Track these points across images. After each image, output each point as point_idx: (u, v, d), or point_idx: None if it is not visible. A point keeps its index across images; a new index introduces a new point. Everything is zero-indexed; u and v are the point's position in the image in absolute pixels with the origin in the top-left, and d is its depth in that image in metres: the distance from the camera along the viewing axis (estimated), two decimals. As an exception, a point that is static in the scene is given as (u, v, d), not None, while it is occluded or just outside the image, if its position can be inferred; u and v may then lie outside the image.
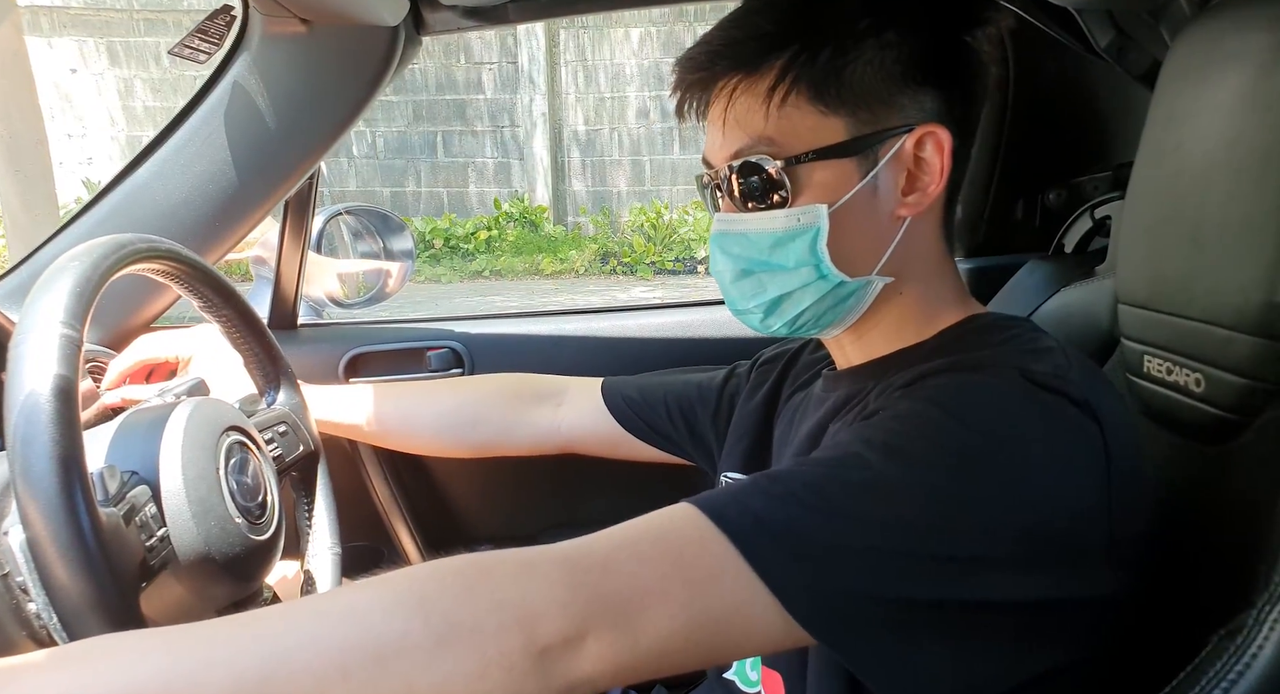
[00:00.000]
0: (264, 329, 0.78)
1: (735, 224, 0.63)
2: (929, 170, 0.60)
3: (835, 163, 0.59)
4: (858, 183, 0.59)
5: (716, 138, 0.62)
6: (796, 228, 0.59)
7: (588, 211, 7.47)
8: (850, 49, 0.58)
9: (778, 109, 0.58)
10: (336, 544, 0.80)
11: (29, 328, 0.49)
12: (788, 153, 0.59)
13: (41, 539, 0.45)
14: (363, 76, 0.87)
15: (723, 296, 0.67)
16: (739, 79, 0.59)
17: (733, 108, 0.60)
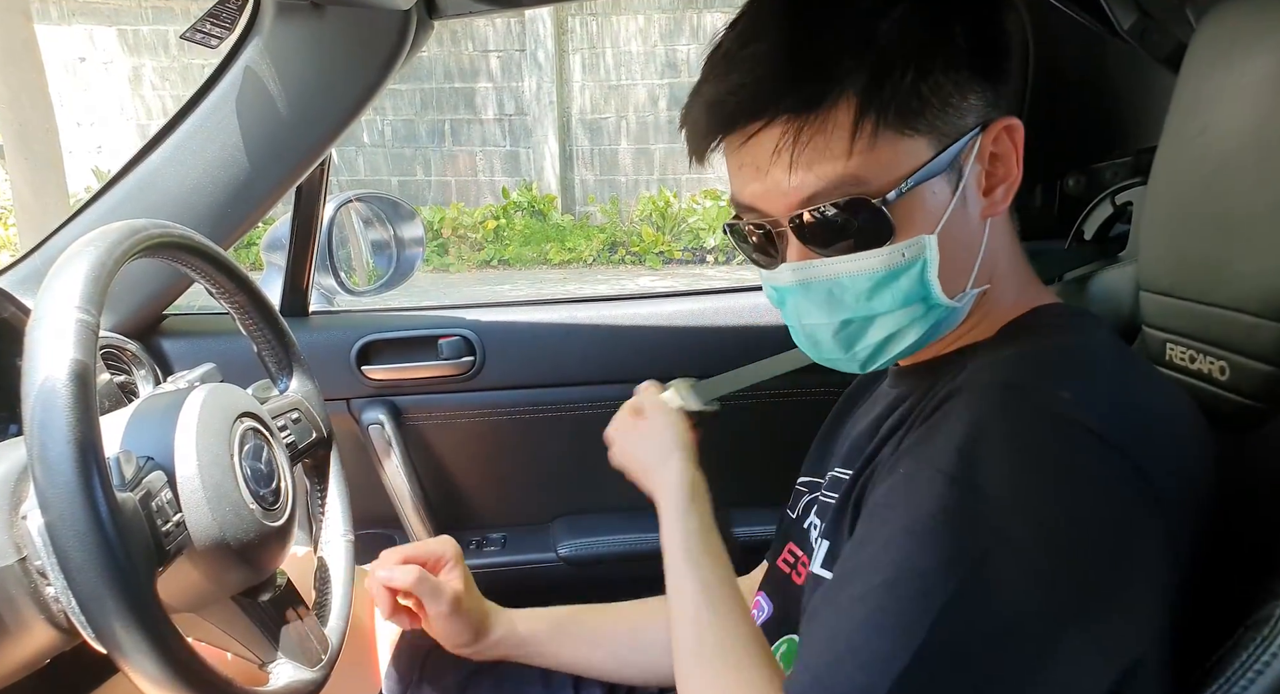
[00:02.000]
0: (276, 316, 0.78)
1: (820, 270, 0.57)
2: (1005, 163, 0.58)
3: (928, 184, 0.54)
4: (951, 199, 0.55)
5: (775, 182, 0.55)
6: (902, 264, 0.55)
7: (596, 200, 7.45)
8: (922, 61, 0.53)
9: (864, 144, 0.53)
10: (349, 531, 0.80)
11: (44, 313, 0.49)
12: (882, 187, 0.53)
13: (59, 523, 0.45)
14: (375, 61, 0.86)
15: (799, 345, 0.63)
16: (807, 118, 0.52)
17: (800, 151, 0.53)
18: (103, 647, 0.48)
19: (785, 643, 0.68)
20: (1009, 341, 0.59)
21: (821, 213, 0.54)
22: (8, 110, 5.04)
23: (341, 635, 0.71)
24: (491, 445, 1.17)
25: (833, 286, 0.57)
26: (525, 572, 1.18)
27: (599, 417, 1.16)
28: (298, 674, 0.61)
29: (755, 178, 0.56)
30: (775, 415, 1.14)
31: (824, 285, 0.57)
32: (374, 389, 1.12)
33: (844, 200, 0.54)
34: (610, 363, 1.14)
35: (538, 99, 7.27)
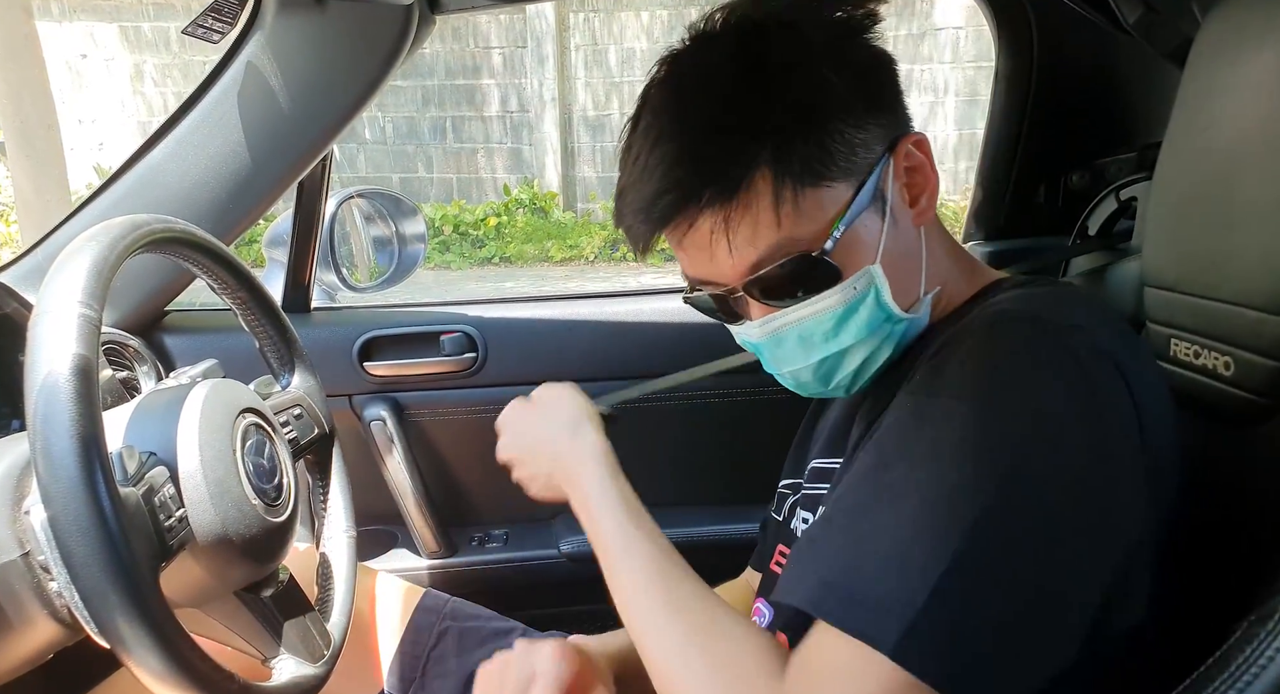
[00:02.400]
0: (278, 312, 0.78)
1: (783, 319, 0.60)
2: (921, 172, 0.60)
3: (858, 221, 0.58)
4: (882, 225, 0.59)
5: (720, 260, 0.59)
6: (856, 297, 0.58)
7: (597, 197, 7.44)
8: (815, 120, 0.56)
9: (786, 210, 0.56)
10: (352, 527, 0.80)
11: (46, 308, 0.49)
12: (817, 239, 0.57)
13: (62, 518, 0.45)
14: (377, 55, 0.86)
15: (786, 385, 0.65)
16: (729, 205, 0.56)
17: (735, 234, 0.57)
18: (106, 642, 0.48)
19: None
20: (978, 304, 0.61)
21: (769, 274, 0.58)
22: (9, 107, 5.04)
23: (344, 631, 0.71)
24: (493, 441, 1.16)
25: (800, 332, 0.60)
26: (528, 568, 1.18)
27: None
28: (300, 670, 0.61)
29: (700, 259, 0.60)
30: (747, 414, 1.15)
31: (793, 332, 0.61)
32: (376, 385, 1.12)
33: (786, 260, 0.57)
34: (612, 359, 1.14)
35: (540, 96, 7.26)
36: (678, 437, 1.19)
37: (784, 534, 0.74)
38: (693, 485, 1.21)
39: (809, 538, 0.53)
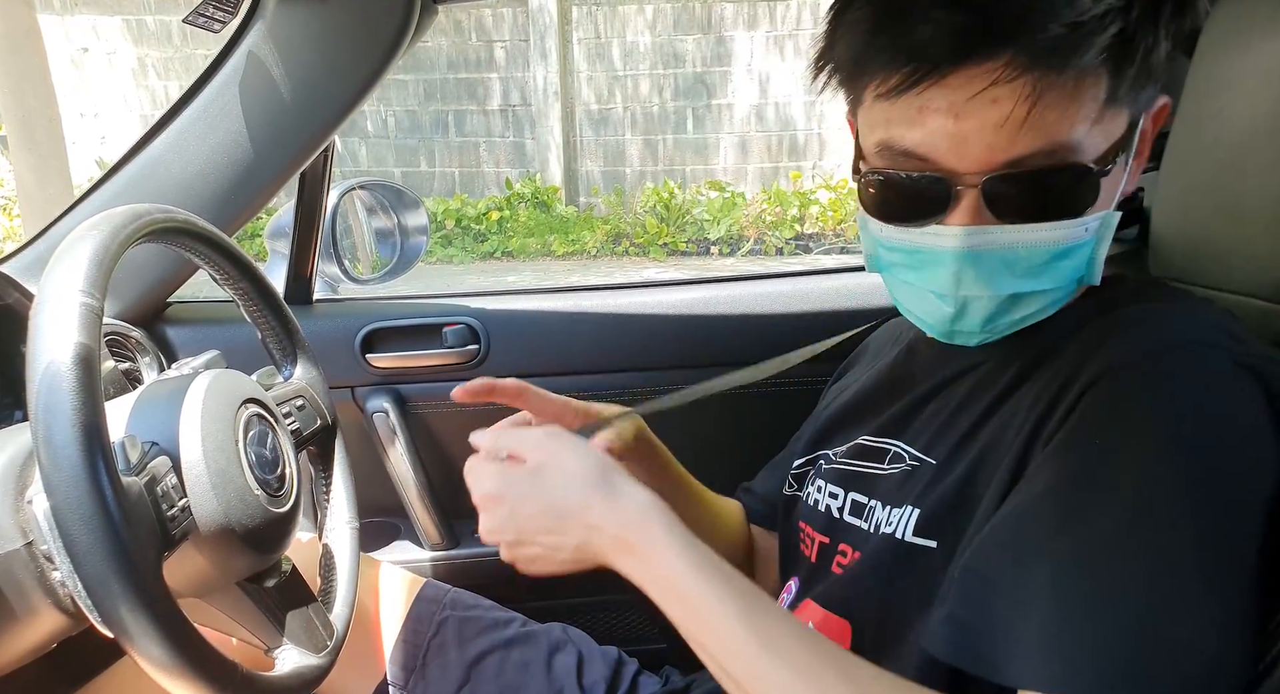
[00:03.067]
0: (281, 303, 0.77)
1: (998, 237, 0.51)
2: (1144, 144, 0.54)
3: (1120, 159, 0.51)
4: (1124, 174, 0.52)
5: (985, 138, 0.48)
6: (1083, 239, 0.51)
7: (600, 191, 7.43)
8: (1161, 22, 0.47)
9: (1106, 116, 0.48)
10: (354, 519, 0.80)
11: (48, 297, 0.49)
12: (1094, 156, 0.49)
13: (65, 507, 0.45)
14: (378, 46, 0.85)
15: (921, 313, 0.58)
16: (1050, 78, 0.45)
17: (1041, 113, 0.46)
18: (109, 631, 0.48)
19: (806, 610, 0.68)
20: (1108, 306, 0.55)
21: (1030, 178, 0.49)
22: (11, 101, 5.04)
23: (347, 622, 0.71)
24: (496, 433, 1.17)
25: (1006, 255, 0.51)
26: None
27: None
28: (303, 660, 0.61)
29: (947, 124, 0.48)
30: (766, 405, 1.14)
31: (997, 255, 0.51)
32: (378, 377, 1.12)
33: (1063, 166, 0.48)
34: (615, 351, 1.14)
35: (542, 90, 7.24)
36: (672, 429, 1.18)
37: (804, 509, 0.72)
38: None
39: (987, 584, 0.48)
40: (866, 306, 1.12)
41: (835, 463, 0.70)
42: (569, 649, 0.87)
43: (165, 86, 7.58)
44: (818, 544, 0.68)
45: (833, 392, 0.81)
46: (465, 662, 0.85)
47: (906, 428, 0.63)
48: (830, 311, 1.13)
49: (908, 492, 0.59)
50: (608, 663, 0.87)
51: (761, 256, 6.77)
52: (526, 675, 0.84)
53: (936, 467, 0.58)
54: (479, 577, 1.16)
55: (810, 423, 0.81)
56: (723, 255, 6.87)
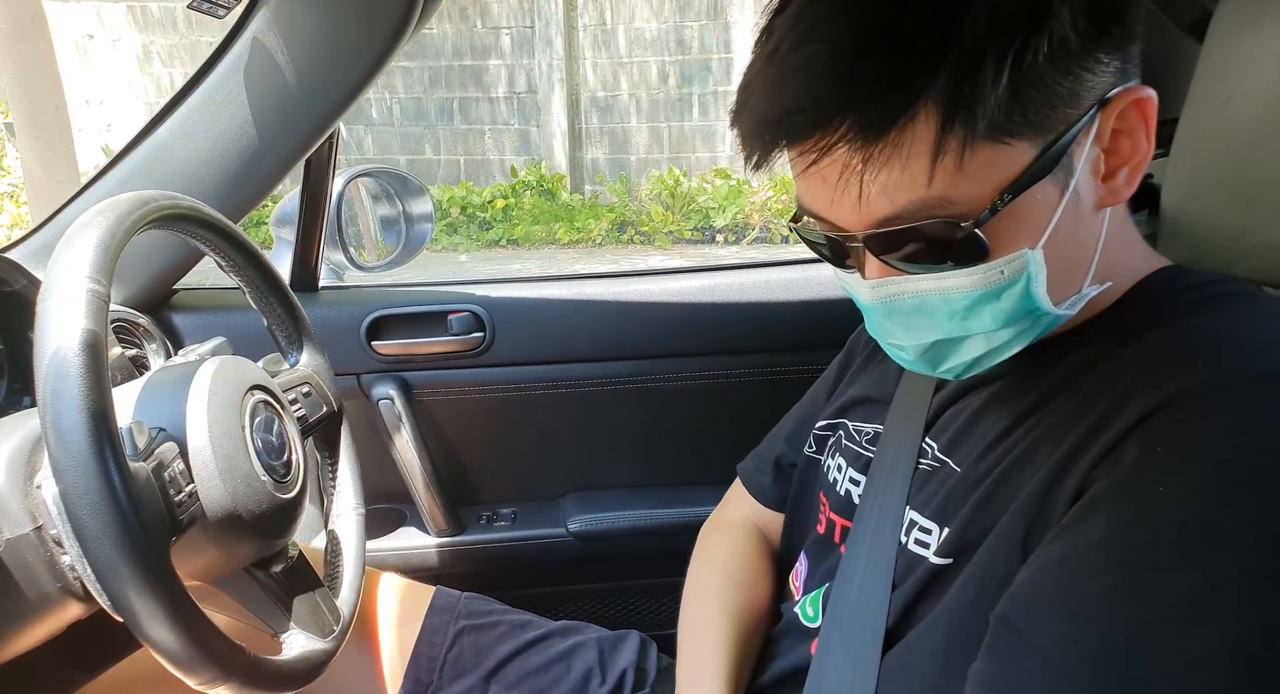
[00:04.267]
0: (286, 290, 0.78)
1: (904, 287, 0.49)
2: (1132, 139, 0.47)
3: (1029, 192, 0.45)
4: (1060, 202, 0.46)
5: (846, 202, 0.47)
6: (1001, 283, 0.47)
7: (605, 179, 7.41)
8: (1020, 50, 0.42)
9: (951, 168, 0.44)
10: (360, 505, 0.81)
11: (55, 284, 0.49)
12: (973, 207, 0.45)
13: (73, 492, 0.46)
14: (383, 30, 0.85)
15: (892, 356, 0.56)
16: (873, 144, 0.44)
17: (872, 182, 0.45)
18: (118, 614, 0.48)
19: (820, 591, 0.67)
20: (1168, 315, 0.49)
21: (900, 233, 0.46)
22: (17, 89, 5.05)
23: (353, 607, 0.71)
24: (501, 421, 1.17)
25: (921, 304, 0.49)
26: (536, 546, 1.18)
27: (608, 393, 1.16)
28: (310, 644, 0.61)
29: (819, 193, 0.48)
30: (769, 393, 1.14)
31: (910, 303, 0.49)
32: (384, 364, 1.12)
33: (927, 223, 0.45)
34: (620, 339, 1.14)
35: (547, 77, 7.21)
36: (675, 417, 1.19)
37: (824, 482, 0.70)
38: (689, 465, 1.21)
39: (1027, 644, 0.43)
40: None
41: (857, 444, 0.67)
42: (589, 646, 0.85)
43: (170, 73, 7.57)
44: (840, 527, 0.67)
45: (843, 362, 0.78)
46: (485, 673, 0.83)
47: (933, 423, 0.60)
48: (833, 299, 1.13)
49: (929, 497, 0.56)
50: (630, 652, 0.85)
51: (767, 245, 6.75)
52: (548, 679, 0.83)
53: (960, 476, 0.54)
54: (484, 563, 1.16)
55: (839, 385, 0.76)
56: (728, 243, 6.85)
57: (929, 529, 0.55)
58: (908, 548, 0.56)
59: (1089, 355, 0.50)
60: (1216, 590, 0.38)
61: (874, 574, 0.58)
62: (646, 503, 1.18)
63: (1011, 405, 0.52)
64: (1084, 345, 0.51)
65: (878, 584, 0.57)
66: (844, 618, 0.60)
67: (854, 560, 0.61)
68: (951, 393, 0.59)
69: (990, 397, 0.55)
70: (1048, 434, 0.49)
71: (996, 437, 0.52)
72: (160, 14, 7.44)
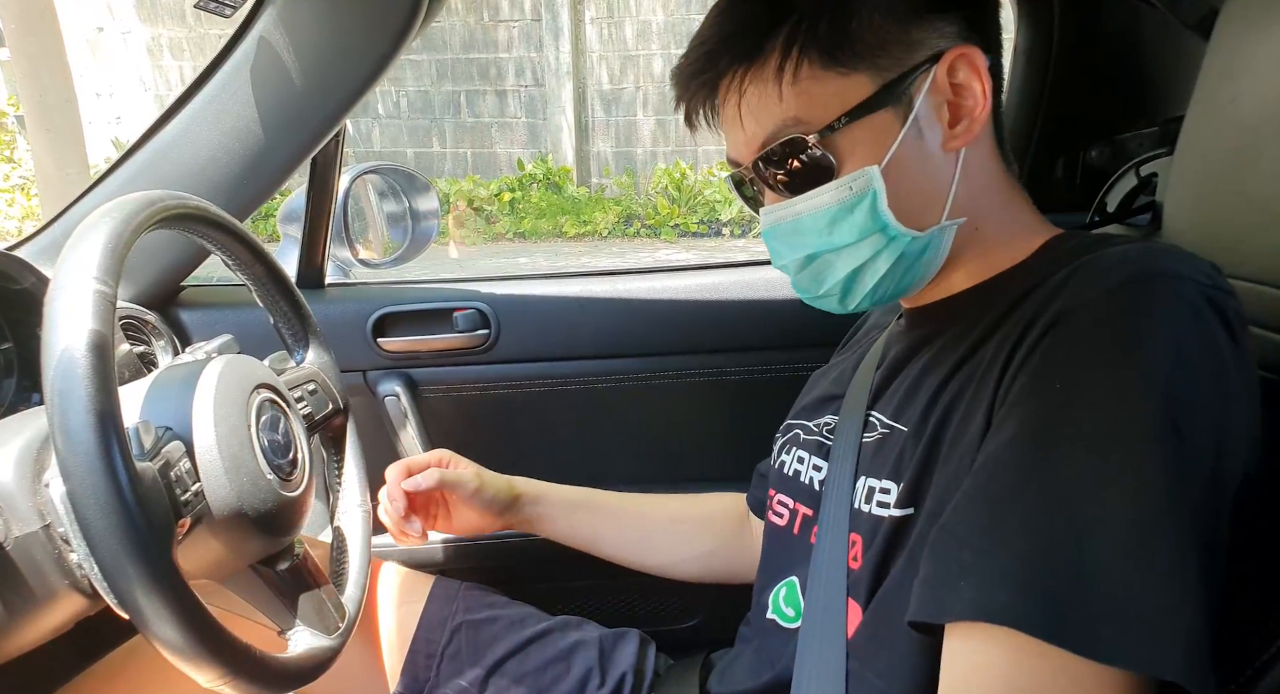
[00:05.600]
0: (293, 288, 0.78)
1: (783, 211, 0.61)
2: (970, 94, 0.58)
3: (870, 119, 0.56)
4: (899, 131, 0.57)
5: (739, 135, 0.61)
6: (851, 198, 0.57)
7: (611, 172, 7.40)
8: (849, 2, 0.56)
9: (791, 86, 0.57)
10: (366, 502, 0.81)
11: (62, 284, 0.49)
12: (819, 125, 0.57)
13: (81, 492, 0.46)
14: (389, 30, 0.85)
15: (793, 287, 0.66)
16: (742, 71, 0.58)
17: (745, 101, 0.59)
18: (124, 613, 0.49)
19: (785, 586, 0.69)
20: (1069, 255, 0.55)
21: (772, 157, 0.59)
22: (28, 82, 5.07)
23: (358, 604, 0.72)
24: (506, 417, 1.18)
25: (797, 226, 0.61)
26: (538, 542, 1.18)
27: (612, 390, 1.17)
28: (316, 641, 0.62)
29: (729, 133, 0.63)
30: (773, 390, 1.14)
31: (790, 226, 0.61)
32: (390, 361, 1.13)
33: (784, 140, 0.58)
34: (624, 336, 1.14)
35: (555, 70, 7.20)
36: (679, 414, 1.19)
37: (781, 483, 0.74)
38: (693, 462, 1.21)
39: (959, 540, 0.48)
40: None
41: (815, 434, 0.71)
42: (589, 645, 0.85)
43: (179, 66, 7.60)
44: (801, 517, 0.69)
45: (819, 374, 0.83)
46: (483, 671, 0.83)
47: (879, 397, 0.65)
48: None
49: (883, 461, 0.60)
50: (629, 654, 0.85)
51: (774, 238, 6.74)
52: (547, 679, 0.83)
53: (909, 434, 0.59)
54: (487, 557, 1.17)
55: (797, 400, 0.82)
56: (734, 236, 6.84)
57: (888, 489, 0.59)
58: (870, 513, 0.60)
59: (1002, 305, 0.56)
60: (1105, 460, 0.44)
61: (836, 533, 0.62)
62: (650, 499, 1.18)
63: (945, 362, 0.59)
64: (997, 300, 0.57)
65: (839, 543, 0.61)
66: (817, 593, 0.62)
67: (821, 539, 0.63)
68: (893, 364, 0.65)
69: (928, 360, 0.61)
70: (974, 374, 0.55)
71: (934, 391, 0.58)
72: (170, 6, 7.45)
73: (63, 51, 5.17)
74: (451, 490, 0.86)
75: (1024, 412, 0.49)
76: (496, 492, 0.88)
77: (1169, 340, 0.45)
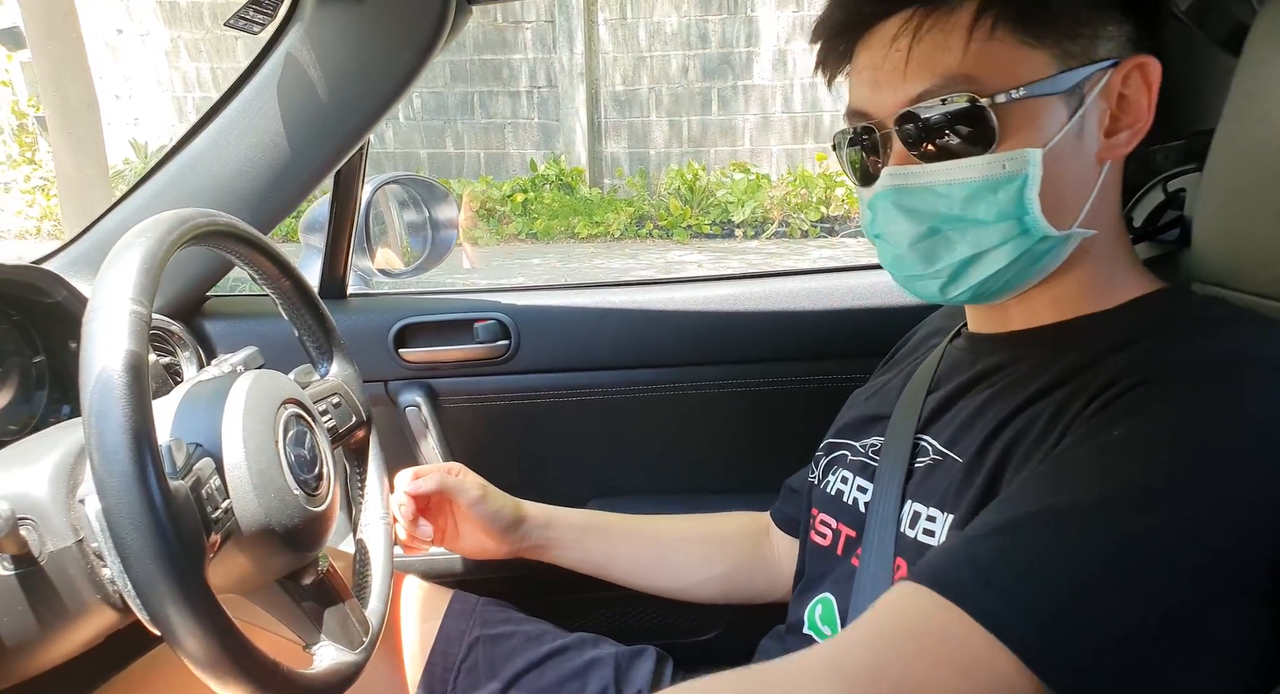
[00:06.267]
0: (317, 301, 0.79)
1: (916, 176, 0.56)
2: (1133, 108, 0.56)
3: (1043, 100, 0.54)
4: (1066, 122, 0.54)
5: (889, 82, 0.56)
6: (1002, 176, 0.54)
7: (624, 173, 7.40)
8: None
9: (981, 43, 0.53)
10: (388, 514, 0.82)
11: (100, 305, 0.50)
12: (992, 89, 0.53)
13: (116, 510, 0.47)
14: (414, 46, 0.85)
15: (884, 262, 0.62)
16: (924, 11, 0.54)
17: (918, 44, 0.54)
18: (156, 629, 0.50)
19: (820, 603, 0.69)
20: (1164, 321, 0.55)
21: (928, 113, 0.54)
22: (49, 85, 5.13)
23: (381, 618, 0.72)
24: (526, 427, 1.18)
25: (927, 193, 0.56)
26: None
27: (631, 400, 1.17)
28: (340, 656, 0.62)
29: (871, 80, 0.58)
30: (792, 403, 1.14)
31: (918, 193, 0.57)
32: (411, 371, 1.13)
33: (951, 97, 0.53)
34: (643, 347, 1.15)
35: (568, 71, 7.21)
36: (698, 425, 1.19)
37: (823, 502, 0.73)
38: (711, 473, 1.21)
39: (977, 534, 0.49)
40: (895, 304, 1.12)
41: (861, 455, 0.70)
42: (605, 663, 0.85)
43: (196, 67, 7.66)
44: (844, 538, 0.69)
45: (862, 392, 0.81)
46: (499, 685, 0.84)
47: (933, 423, 0.63)
48: (859, 309, 1.13)
49: (932, 488, 0.59)
50: (646, 670, 0.85)
51: (786, 240, 6.73)
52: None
53: (963, 465, 0.58)
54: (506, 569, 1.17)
55: (839, 418, 0.81)
56: (747, 238, 6.83)
57: (934, 517, 0.58)
58: (916, 539, 0.59)
59: (1080, 354, 0.55)
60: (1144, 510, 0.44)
61: (881, 557, 0.61)
62: (669, 510, 1.18)
63: (1011, 398, 0.57)
64: (1074, 347, 0.56)
65: (884, 567, 0.60)
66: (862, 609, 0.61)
67: (866, 562, 0.63)
68: (954, 391, 0.63)
69: (991, 394, 0.59)
70: (1040, 416, 0.53)
71: (998, 425, 0.56)
72: (188, 9, 7.52)
73: (84, 54, 5.22)
74: (454, 496, 0.86)
75: (1074, 448, 0.49)
76: (500, 507, 0.87)
77: (1252, 421, 0.45)
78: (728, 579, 0.90)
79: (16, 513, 0.53)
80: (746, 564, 0.90)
